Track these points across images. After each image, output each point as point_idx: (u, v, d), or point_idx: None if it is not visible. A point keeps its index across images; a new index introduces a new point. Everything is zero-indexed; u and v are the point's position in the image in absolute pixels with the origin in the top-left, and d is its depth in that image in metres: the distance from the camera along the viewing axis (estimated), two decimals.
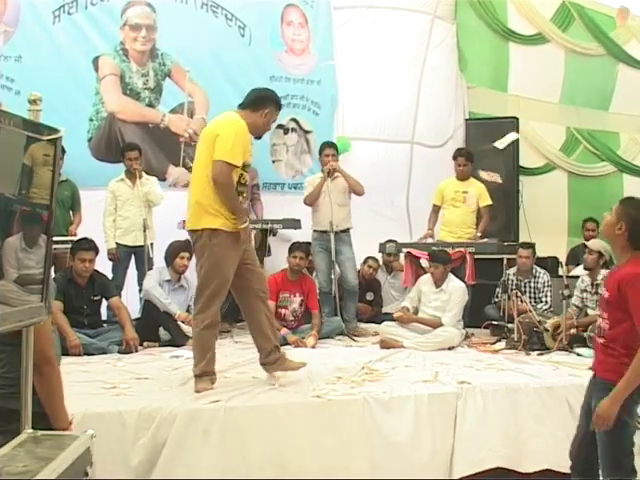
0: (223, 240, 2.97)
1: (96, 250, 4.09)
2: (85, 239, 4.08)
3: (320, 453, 2.77)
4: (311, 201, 4.89)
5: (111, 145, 5.13)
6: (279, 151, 5.76)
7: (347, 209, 4.90)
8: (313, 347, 4.25)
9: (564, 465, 3.04)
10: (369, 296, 5.32)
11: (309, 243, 4.84)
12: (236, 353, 3.99)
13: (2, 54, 4.85)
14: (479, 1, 6.47)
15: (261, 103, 3.11)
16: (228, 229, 2.98)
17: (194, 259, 4.45)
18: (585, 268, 4.38)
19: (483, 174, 4.11)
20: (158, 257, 4.52)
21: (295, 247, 4.57)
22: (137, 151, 4.75)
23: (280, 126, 5.71)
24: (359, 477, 2.78)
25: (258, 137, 3.20)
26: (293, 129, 5.80)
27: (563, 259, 5.96)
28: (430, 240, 5.02)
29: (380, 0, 6.02)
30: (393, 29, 5.96)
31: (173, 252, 4.34)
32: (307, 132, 5.85)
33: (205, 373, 3.03)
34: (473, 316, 4.77)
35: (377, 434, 2.85)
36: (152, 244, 4.63)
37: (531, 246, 5.05)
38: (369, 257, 5.26)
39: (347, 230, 4.89)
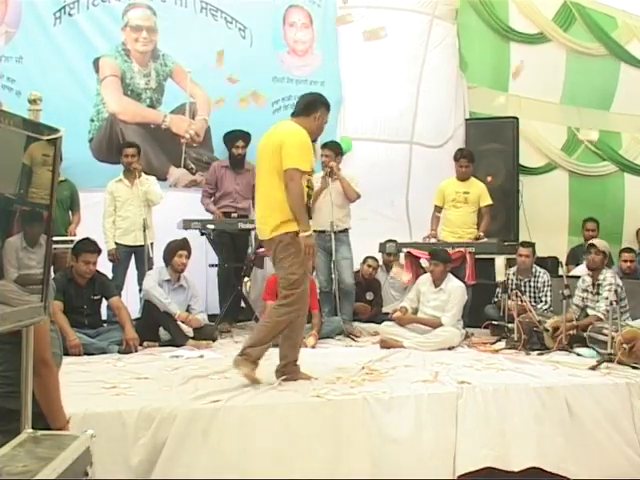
0: (296, 241, 3.09)
1: (99, 252, 4.12)
2: (88, 240, 4.08)
3: (320, 453, 2.76)
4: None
5: (112, 146, 5.14)
6: None
7: (346, 210, 4.91)
8: (313, 347, 4.26)
9: (563, 465, 3.07)
10: (369, 296, 5.32)
11: None
12: (236, 353, 3.98)
13: (3, 55, 4.86)
14: (480, 1, 6.47)
15: (312, 108, 3.24)
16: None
17: (193, 258, 4.52)
18: (590, 268, 4.36)
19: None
20: (158, 257, 4.53)
21: None
22: (135, 148, 4.76)
23: None
24: (360, 477, 2.78)
25: (314, 140, 3.31)
26: None
27: (564, 259, 5.96)
28: (433, 240, 5.03)
29: (379, 0, 6.01)
30: (392, 29, 5.96)
31: (171, 251, 4.34)
32: None
33: (255, 356, 3.11)
34: (473, 316, 4.77)
35: (377, 434, 2.85)
36: (152, 244, 4.64)
37: (531, 245, 5.06)
38: (369, 257, 5.27)
39: (345, 230, 4.91)
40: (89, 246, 4.02)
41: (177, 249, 4.32)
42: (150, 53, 5.33)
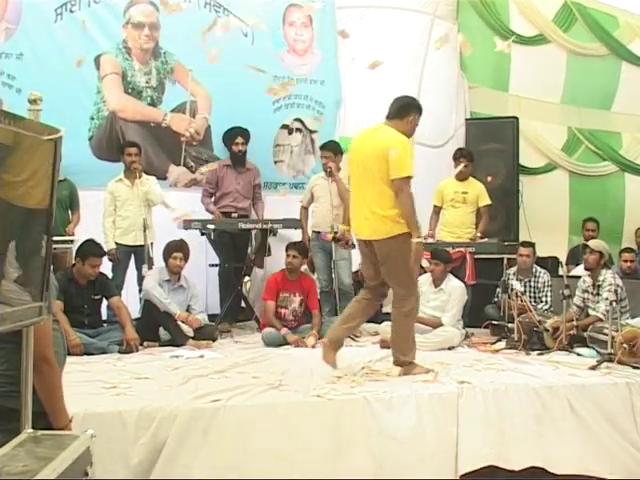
0: (409, 240, 3.30)
1: (104, 254, 4.16)
2: (93, 242, 4.08)
3: (321, 453, 2.77)
4: (306, 204, 5.04)
5: (112, 144, 5.13)
6: (282, 152, 5.75)
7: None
8: (313, 347, 4.25)
9: (563, 464, 3.07)
10: None
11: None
12: (236, 353, 4.00)
13: (3, 51, 4.84)
14: (481, 1, 6.45)
15: (406, 111, 3.38)
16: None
17: (193, 258, 4.51)
18: (586, 268, 4.38)
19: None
20: (158, 257, 4.52)
21: (290, 246, 4.60)
22: (137, 148, 4.76)
23: (285, 126, 5.71)
24: (361, 477, 2.78)
25: None
26: (298, 129, 5.79)
27: (564, 259, 5.96)
28: (430, 240, 5.02)
29: (380, 0, 6.00)
30: (393, 29, 5.94)
31: (167, 252, 4.34)
32: (312, 132, 5.84)
33: (413, 358, 3.36)
34: (473, 316, 4.77)
35: (378, 433, 2.85)
36: (152, 244, 4.63)
37: (531, 245, 5.06)
38: None
39: None
40: (96, 249, 4.04)
41: (172, 251, 4.32)
42: (151, 51, 5.32)
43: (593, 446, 3.12)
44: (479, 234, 5.04)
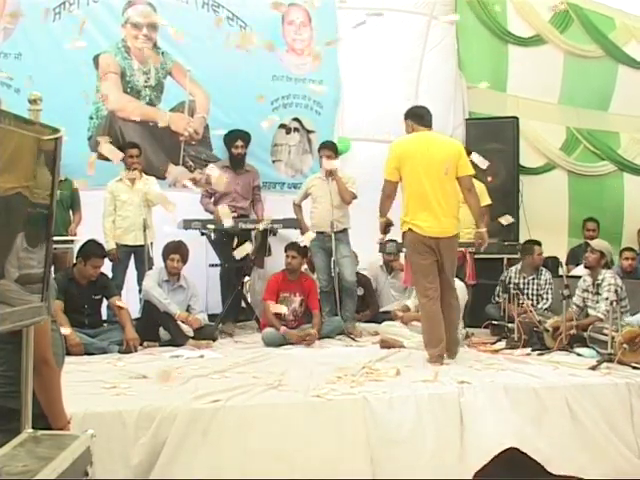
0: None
1: (106, 255, 4.16)
2: (95, 243, 4.08)
3: (320, 453, 2.76)
4: (298, 202, 5.07)
5: (111, 143, 5.11)
6: (280, 151, 5.75)
7: (344, 210, 4.91)
8: (311, 344, 4.26)
9: (559, 465, 3.06)
10: (359, 291, 5.28)
11: None
12: (236, 353, 4.00)
13: (2, 51, 4.84)
14: (478, 2, 6.45)
15: (432, 120, 3.77)
16: None
17: (193, 259, 4.50)
18: (586, 267, 4.39)
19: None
20: (157, 257, 4.52)
21: (288, 246, 4.60)
22: (137, 149, 4.76)
23: (282, 126, 5.70)
24: (360, 477, 2.78)
25: None
26: (295, 129, 5.79)
27: (563, 259, 5.96)
28: None
29: (378, 2, 5.99)
30: (391, 30, 5.94)
31: (165, 253, 4.34)
32: (309, 132, 5.84)
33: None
34: (473, 316, 4.77)
35: (378, 434, 2.85)
36: (152, 244, 4.62)
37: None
38: None
39: (345, 230, 4.92)
40: (98, 250, 4.05)
41: (170, 252, 4.32)
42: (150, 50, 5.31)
43: (589, 446, 3.12)
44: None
